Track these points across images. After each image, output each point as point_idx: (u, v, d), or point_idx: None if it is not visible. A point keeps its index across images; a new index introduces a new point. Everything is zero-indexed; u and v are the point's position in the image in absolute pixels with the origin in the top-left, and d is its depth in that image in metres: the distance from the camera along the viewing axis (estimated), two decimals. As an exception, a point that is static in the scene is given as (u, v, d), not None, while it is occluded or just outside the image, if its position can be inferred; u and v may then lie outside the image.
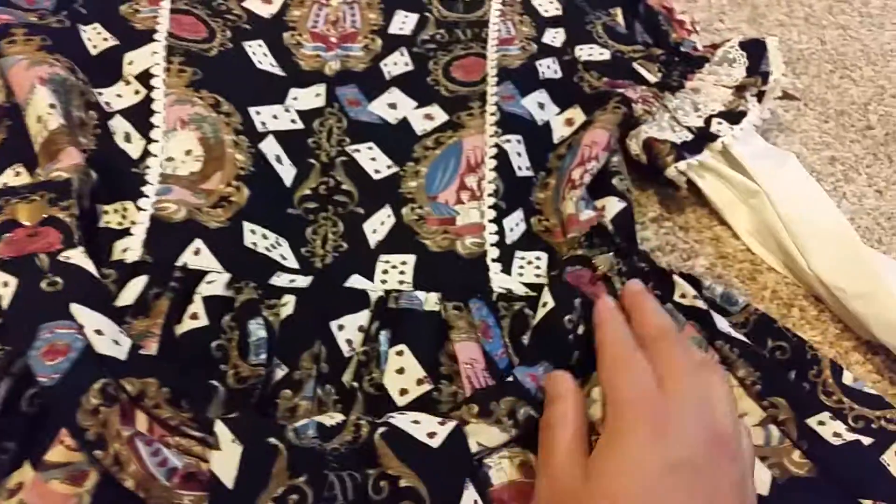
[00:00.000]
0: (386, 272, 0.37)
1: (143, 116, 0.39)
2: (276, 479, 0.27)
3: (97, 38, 0.41)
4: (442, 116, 0.43)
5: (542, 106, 0.43)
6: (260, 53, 0.43)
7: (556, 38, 0.46)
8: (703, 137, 0.43)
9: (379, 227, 0.39)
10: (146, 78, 0.40)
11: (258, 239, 0.37)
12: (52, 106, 0.35)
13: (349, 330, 0.34)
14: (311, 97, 0.42)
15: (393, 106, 0.43)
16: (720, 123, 0.43)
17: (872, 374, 0.39)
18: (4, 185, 0.34)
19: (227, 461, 0.27)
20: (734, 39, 0.47)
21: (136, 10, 0.42)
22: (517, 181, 0.41)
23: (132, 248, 0.34)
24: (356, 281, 0.36)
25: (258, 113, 0.41)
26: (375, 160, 0.41)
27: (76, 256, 0.31)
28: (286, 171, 0.39)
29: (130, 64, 0.40)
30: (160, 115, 0.39)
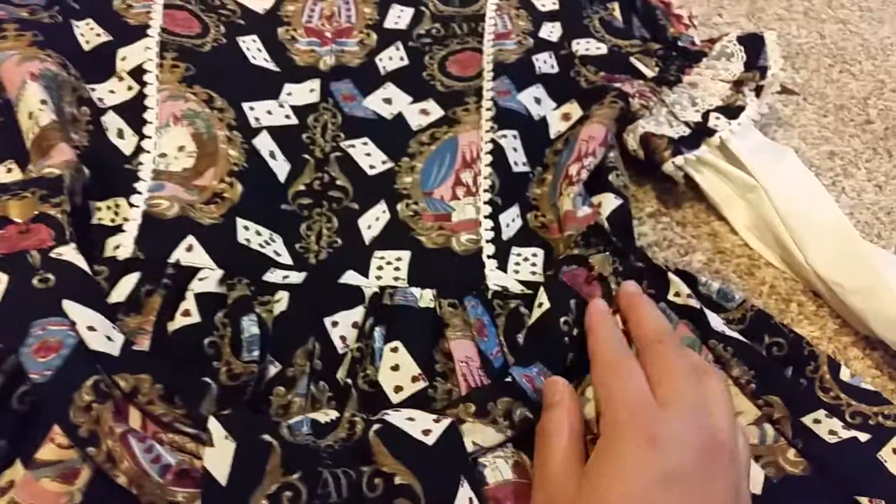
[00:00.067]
0: (381, 268, 0.37)
1: (135, 112, 0.38)
2: (269, 475, 0.27)
3: (90, 33, 0.40)
4: (437, 112, 0.43)
5: (538, 101, 0.43)
6: (254, 48, 0.43)
7: (552, 32, 0.46)
8: (700, 132, 0.43)
9: (374, 222, 0.39)
10: (139, 73, 0.39)
11: (251, 235, 0.36)
12: (43, 102, 0.35)
13: (343, 326, 0.34)
14: (305, 92, 0.42)
15: (388, 101, 0.43)
16: (718, 118, 0.43)
17: (871, 369, 0.38)
18: (-4, 181, 0.34)
19: (220, 458, 0.27)
20: (732, 34, 0.46)
21: (129, 5, 0.42)
22: (513, 177, 0.40)
23: (124, 244, 0.34)
24: (351, 277, 0.36)
25: (252, 108, 0.40)
26: (370, 156, 0.41)
27: (68, 253, 0.31)
28: (280, 166, 0.39)
29: (123, 60, 0.40)
30: (153, 111, 0.38)
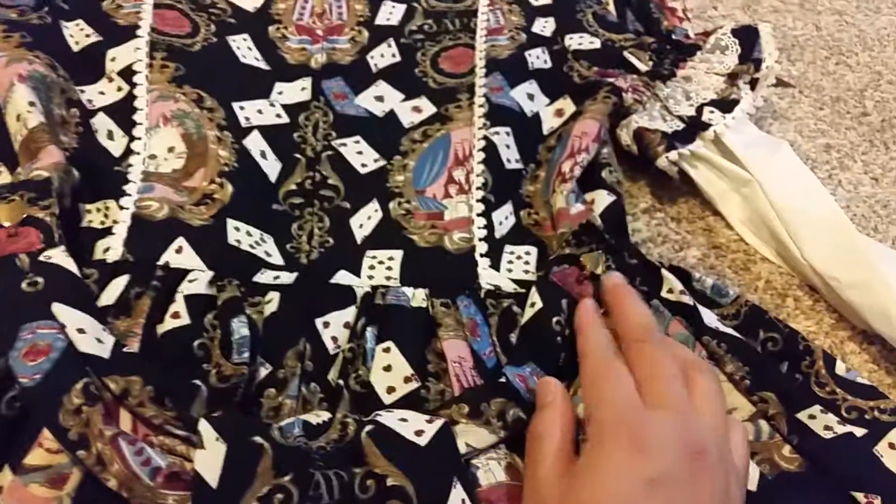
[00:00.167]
0: (373, 267, 0.37)
1: (125, 113, 0.38)
2: (261, 478, 0.26)
3: (79, 34, 0.40)
4: (430, 109, 0.42)
5: (531, 97, 0.43)
6: (245, 47, 0.43)
7: (545, 27, 0.46)
8: (694, 126, 0.42)
9: (366, 221, 0.38)
10: (129, 74, 0.39)
11: (242, 236, 0.36)
12: (31, 104, 0.35)
13: (335, 327, 0.33)
14: (296, 91, 0.42)
15: (380, 99, 0.42)
16: (712, 112, 0.43)
17: (868, 363, 0.38)
18: (-16, 185, 0.34)
19: (211, 460, 0.26)
20: (726, 26, 0.46)
21: (118, 5, 0.42)
22: (506, 174, 0.40)
23: (113, 247, 0.34)
24: (342, 277, 0.36)
25: (242, 108, 0.40)
26: (362, 154, 0.40)
27: (57, 256, 0.31)
28: (271, 166, 0.39)
29: (113, 60, 0.40)
30: (143, 111, 0.38)
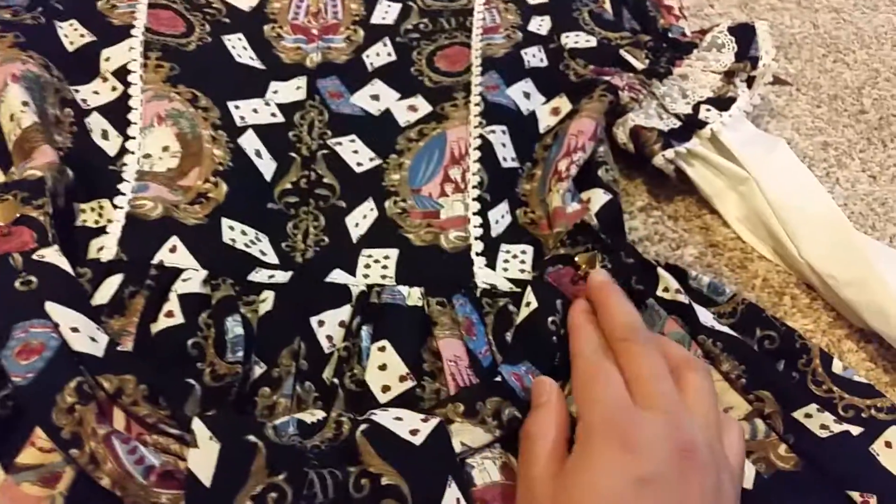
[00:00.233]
0: (368, 266, 0.36)
1: (120, 113, 0.38)
2: (254, 476, 0.26)
3: (74, 34, 0.40)
4: (426, 108, 0.42)
5: (527, 95, 0.43)
6: (239, 47, 0.43)
7: (541, 25, 0.46)
8: (691, 125, 0.42)
9: (361, 220, 0.38)
10: (123, 74, 0.39)
11: (237, 235, 0.36)
12: (25, 104, 0.35)
13: (330, 326, 0.33)
14: (291, 90, 0.42)
15: (376, 97, 0.42)
16: (709, 110, 0.42)
17: (865, 362, 0.38)
18: (-22, 185, 0.34)
19: (204, 459, 0.26)
20: (723, 24, 0.46)
21: (113, 5, 0.42)
22: (502, 172, 0.40)
23: (108, 246, 0.34)
24: (338, 275, 0.36)
25: (237, 107, 0.40)
26: (358, 153, 0.40)
27: (50, 255, 0.31)
28: (266, 165, 0.39)
29: (107, 60, 0.40)
30: (137, 111, 0.38)
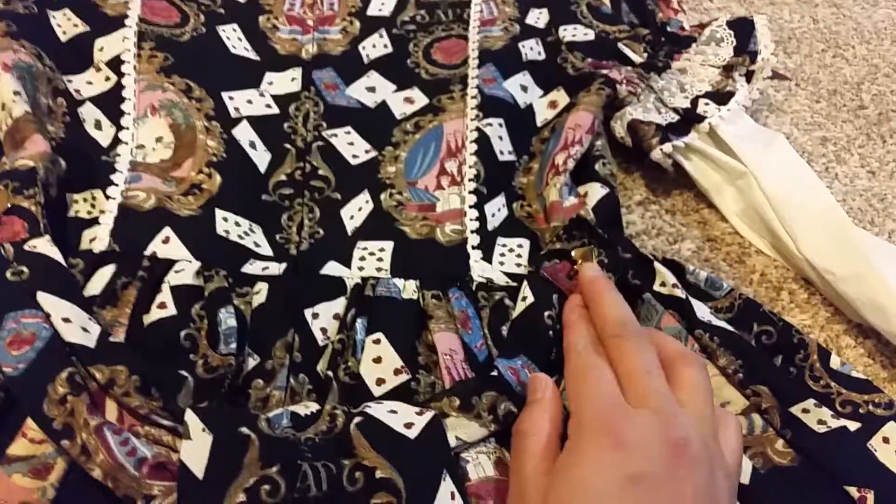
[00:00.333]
0: (363, 259, 0.36)
1: (113, 103, 0.38)
2: (247, 469, 0.26)
3: (67, 23, 0.40)
4: (422, 100, 0.42)
5: (524, 88, 0.42)
6: (234, 38, 0.42)
7: (539, 18, 0.45)
8: (689, 119, 0.42)
9: (356, 213, 0.38)
10: (117, 64, 0.39)
11: (230, 226, 0.36)
12: (16, 93, 0.34)
13: (324, 318, 0.33)
14: (286, 81, 0.41)
15: (371, 89, 0.42)
16: (707, 104, 0.42)
17: (864, 357, 0.38)
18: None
19: (197, 451, 0.26)
20: (722, 18, 0.46)
21: (107, -6, 0.42)
22: (499, 166, 0.40)
23: (100, 237, 0.33)
24: (332, 268, 0.36)
25: (231, 98, 0.40)
26: (353, 145, 0.40)
27: (42, 245, 0.31)
28: (260, 156, 0.39)
29: (101, 50, 0.39)
30: (130, 101, 0.38)
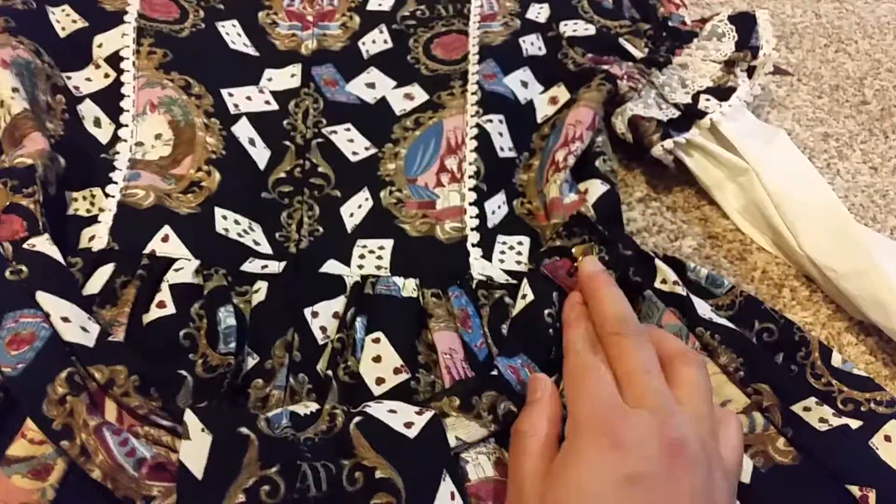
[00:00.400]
0: (363, 257, 0.36)
1: (112, 100, 0.38)
2: (246, 469, 0.26)
3: (66, 20, 0.40)
4: (422, 96, 0.42)
5: (525, 84, 0.42)
6: (234, 33, 0.42)
7: (540, 13, 0.45)
8: (690, 114, 0.42)
9: (356, 210, 0.38)
10: (116, 60, 0.39)
11: (230, 224, 0.36)
12: (14, 90, 0.34)
13: (323, 317, 0.33)
14: (286, 77, 0.41)
15: (371, 86, 0.42)
16: (708, 100, 0.42)
17: (865, 355, 0.38)
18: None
19: (196, 451, 0.26)
20: (723, 13, 0.45)
21: (106, -10, 0.41)
22: (499, 162, 0.40)
23: (99, 235, 0.33)
24: (332, 266, 0.35)
25: (231, 94, 0.40)
26: (353, 142, 0.40)
27: (41, 244, 0.31)
28: (260, 153, 0.38)
29: (100, 47, 0.39)
30: (130, 98, 0.38)
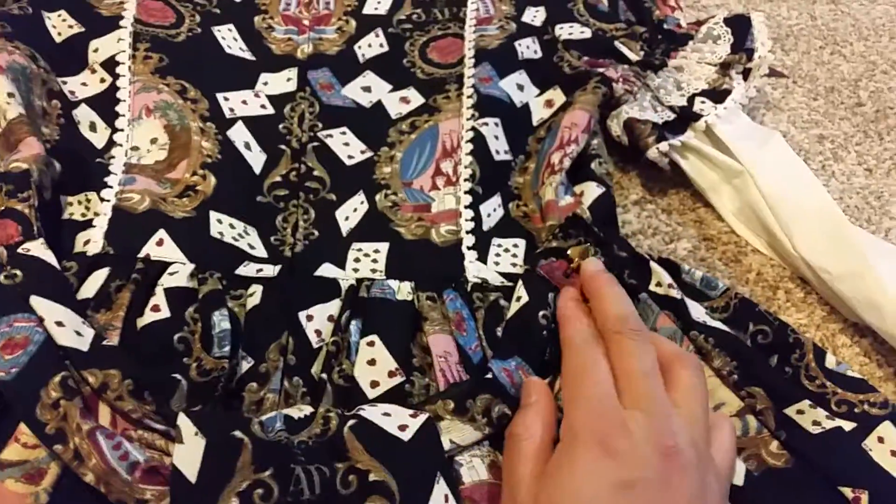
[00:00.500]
0: (358, 260, 0.36)
1: (108, 105, 0.38)
2: (240, 472, 0.26)
3: (61, 24, 0.40)
4: (418, 99, 0.42)
5: (521, 87, 0.42)
6: (230, 38, 0.42)
7: (536, 16, 0.45)
8: (686, 117, 0.42)
9: (351, 213, 0.38)
10: (111, 65, 0.39)
11: (225, 228, 0.36)
12: (10, 95, 0.34)
13: (318, 320, 0.33)
14: (282, 82, 0.41)
15: (367, 89, 0.42)
16: (703, 102, 0.42)
17: (860, 356, 0.38)
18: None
19: (189, 455, 0.26)
20: (719, 15, 0.45)
21: (102, -5, 0.41)
22: (495, 165, 0.40)
23: (94, 239, 0.33)
24: (327, 269, 0.36)
25: (226, 99, 0.40)
26: (348, 145, 0.40)
27: (36, 248, 0.31)
28: (255, 157, 0.39)
29: (96, 51, 0.39)
30: (125, 103, 0.38)
